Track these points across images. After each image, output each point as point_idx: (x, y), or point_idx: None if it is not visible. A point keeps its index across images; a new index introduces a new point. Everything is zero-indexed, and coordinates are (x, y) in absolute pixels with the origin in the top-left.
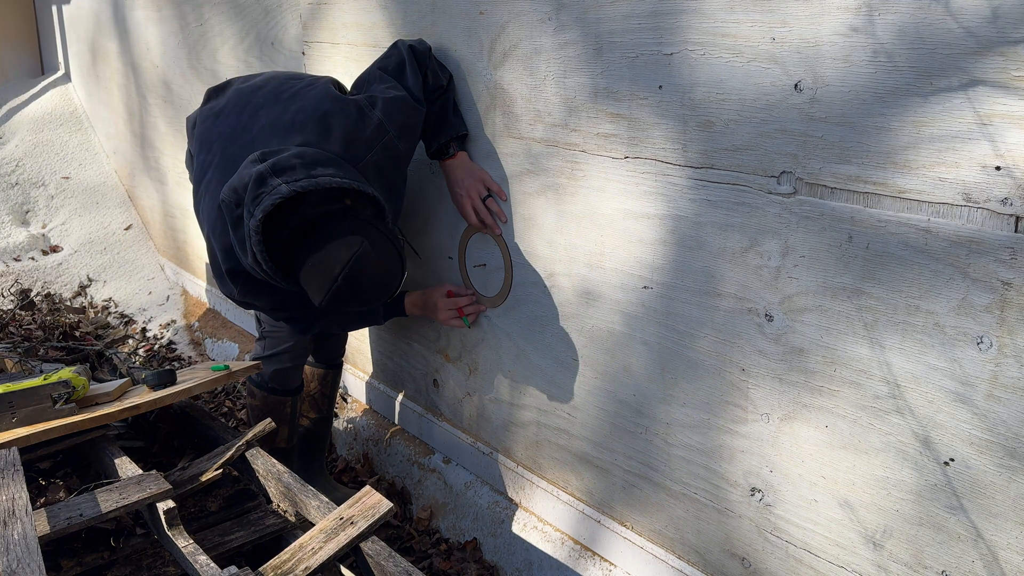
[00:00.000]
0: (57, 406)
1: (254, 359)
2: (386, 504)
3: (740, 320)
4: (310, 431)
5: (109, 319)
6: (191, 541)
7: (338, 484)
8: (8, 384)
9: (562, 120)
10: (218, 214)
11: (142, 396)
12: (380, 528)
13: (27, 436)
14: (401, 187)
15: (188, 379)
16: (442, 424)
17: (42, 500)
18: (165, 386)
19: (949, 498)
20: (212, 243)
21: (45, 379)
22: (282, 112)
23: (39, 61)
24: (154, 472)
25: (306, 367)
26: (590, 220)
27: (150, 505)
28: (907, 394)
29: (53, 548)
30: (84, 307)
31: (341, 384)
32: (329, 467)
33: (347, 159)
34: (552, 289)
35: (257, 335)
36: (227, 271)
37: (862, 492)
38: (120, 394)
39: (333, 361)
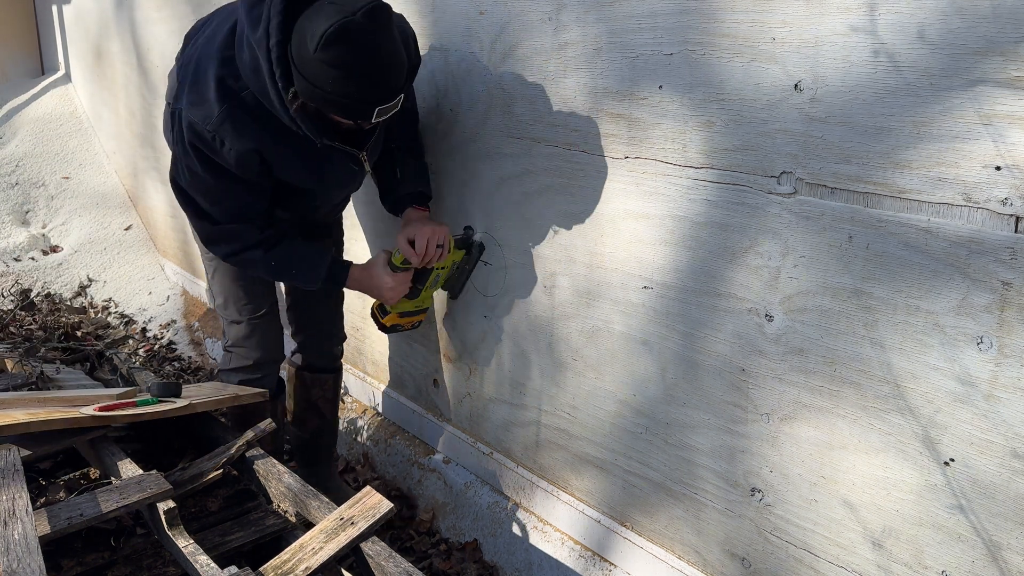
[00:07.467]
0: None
1: (220, 370)
2: (387, 504)
3: (740, 320)
4: (316, 435)
5: (109, 319)
6: (191, 541)
7: (349, 488)
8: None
9: (562, 120)
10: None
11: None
12: (380, 528)
13: (26, 423)
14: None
15: (193, 396)
16: (442, 424)
17: (42, 500)
18: (169, 398)
19: (949, 498)
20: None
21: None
22: None
23: (39, 61)
24: (154, 472)
25: (305, 373)
26: (590, 220)
27: (150, 505)
28: (907, 394)
29: (54, 548)
30: (84, 307)
31: (342, 384)
32: None
33: None
34: (552, 289)
35: (222, 346)
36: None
37: (862, 492)
38: None
39: (333, 365)
